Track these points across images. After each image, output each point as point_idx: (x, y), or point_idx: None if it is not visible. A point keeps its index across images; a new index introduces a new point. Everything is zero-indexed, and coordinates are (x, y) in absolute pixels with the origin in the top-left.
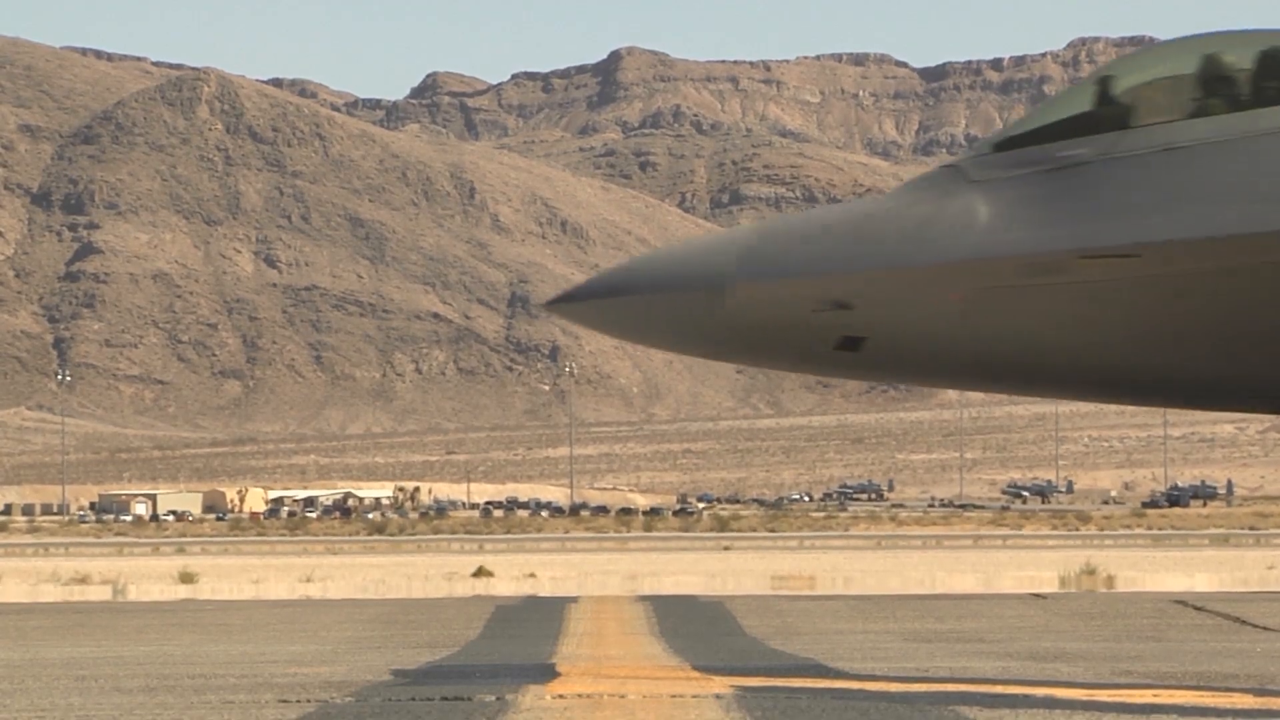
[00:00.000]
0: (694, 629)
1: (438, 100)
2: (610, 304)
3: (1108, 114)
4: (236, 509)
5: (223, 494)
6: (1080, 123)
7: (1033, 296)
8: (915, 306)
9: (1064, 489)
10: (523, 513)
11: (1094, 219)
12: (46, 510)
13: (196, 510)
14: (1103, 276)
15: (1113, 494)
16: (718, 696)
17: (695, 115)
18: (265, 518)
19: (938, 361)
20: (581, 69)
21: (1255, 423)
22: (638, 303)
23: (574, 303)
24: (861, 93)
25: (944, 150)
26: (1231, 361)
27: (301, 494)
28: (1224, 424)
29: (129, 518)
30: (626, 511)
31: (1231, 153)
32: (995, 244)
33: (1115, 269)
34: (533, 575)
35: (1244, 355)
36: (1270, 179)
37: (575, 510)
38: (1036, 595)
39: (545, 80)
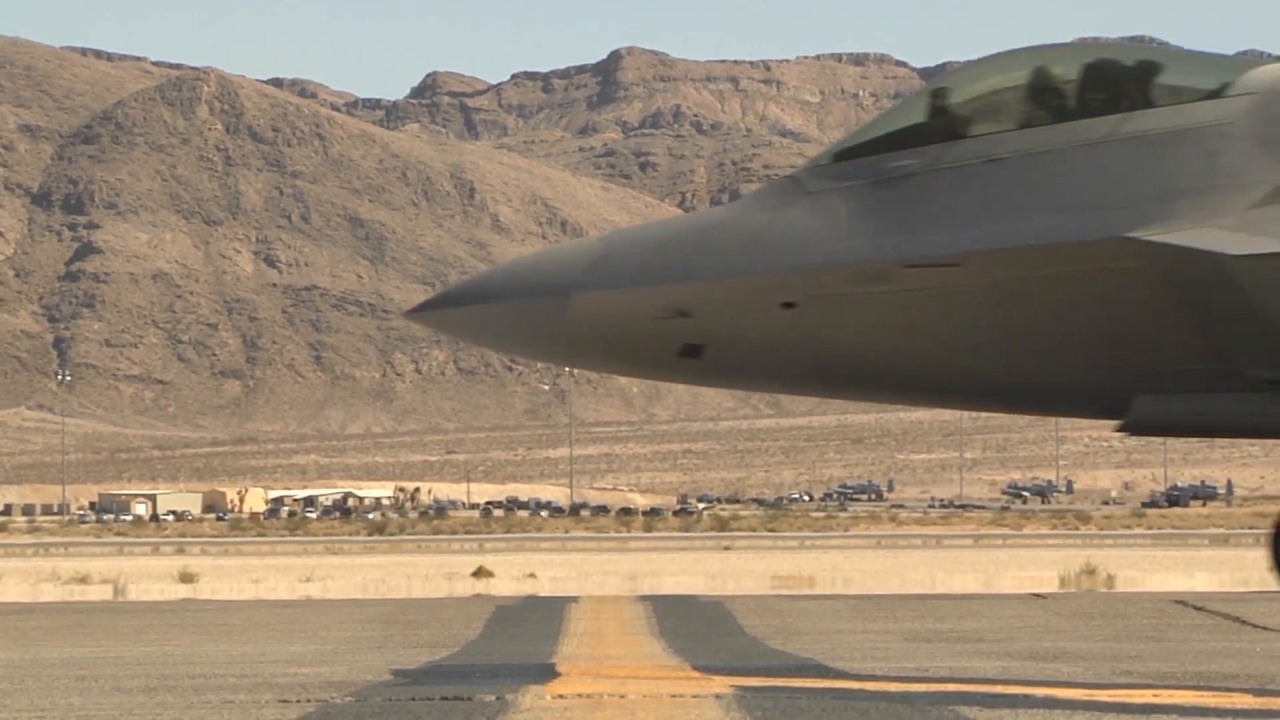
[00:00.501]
0: (694, 629)
1: (438, 100)
2: (467, 311)
3: (937, 126)
4: (236, 509)
5: (223, 494)
6: (912, 134)
7: (861, 304)
8: (750, 314)
9: (1064, 489)
10: (523, 513)
11: (918, 229)
12: (46, 510)
13: (196, 510)
14: (926, 284)
15: (1113, 494)
16: (718, 696)
17: (695, 115)
18: (265, 518)
19: (774, 368)
20: (581, 69)
21: None
22: (493, 310)
23: (433, 310)
24: (861, 92)
25: None
26: (1053, 366)
27: (301, 494)
28: None
29: (129, 518)
30: (626, 511)
31: (1050, 163)
32: (825, 253)
33: (938, 277)
34: (533, 575)
35: (1064, 360)
36: (1085, 189)
37: (575, 510)
38: (1036, 595)
39: (545, 80)
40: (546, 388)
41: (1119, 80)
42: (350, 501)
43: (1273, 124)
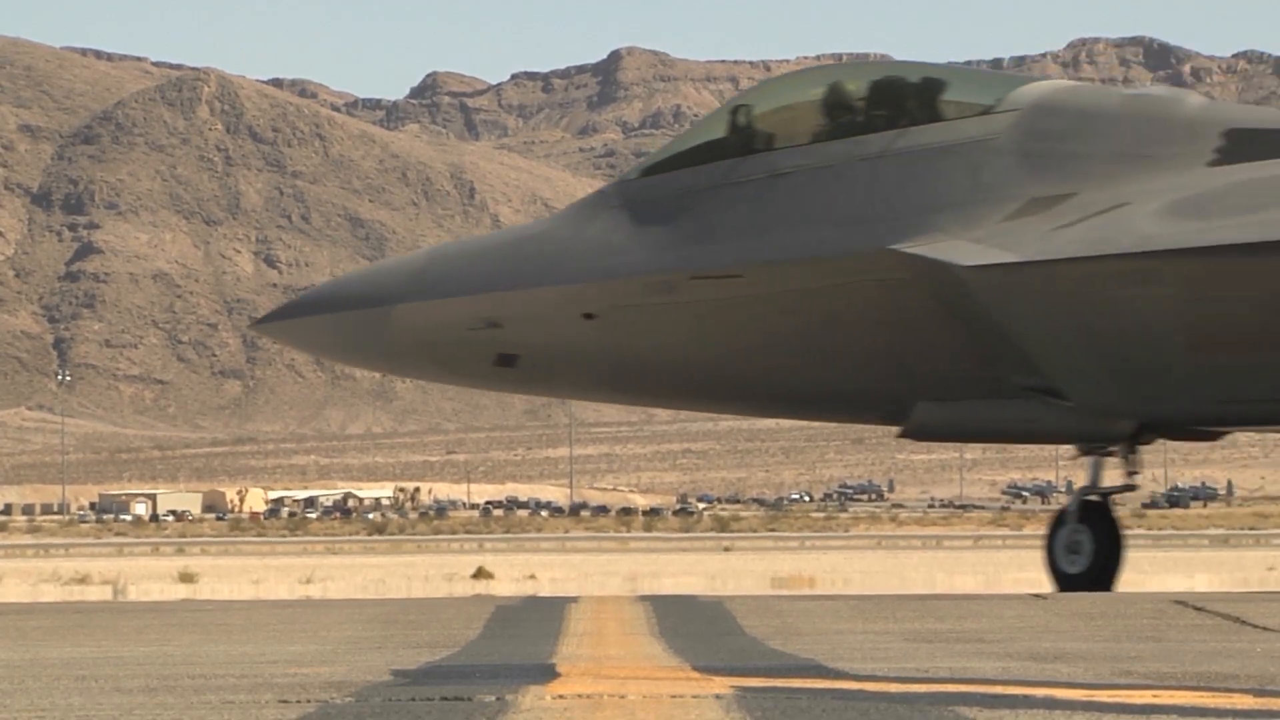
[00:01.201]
0: (694, 629)
1: (438, 100)
2: (301, 323)
3: (731, 142)
4: (236, 509)
5: (223, 494)
6: (708, 150)
7: (654, 315)
8: (555, 325)
9: (1064, 489)
10: (523, 513)
11: (705, 242)
12: (46, 510)
13: (196, 510)
14: (711, 296)
15: None
16: (718, 697)
17: (695, 115)
18: (265, 518)
19: (580, 377)
20: (581, 69)
21: None
22: (324, 321)
23: (273, 322)
24: None
25: None
26: (835, 374)
27: (301, 494)
28: None
29: (129, 518)
30: (627, 511)
31: (829, 178)
32: (622, 265)
33: (720, 289)
34: (533, 575)
35: (846, 368)
36: (859, 203)
37: (575, 510)
38: (1036, 595)
39: (545, 80)
40: None
41: (898, 98)
42: (350, 502)
43: (1033, 138)
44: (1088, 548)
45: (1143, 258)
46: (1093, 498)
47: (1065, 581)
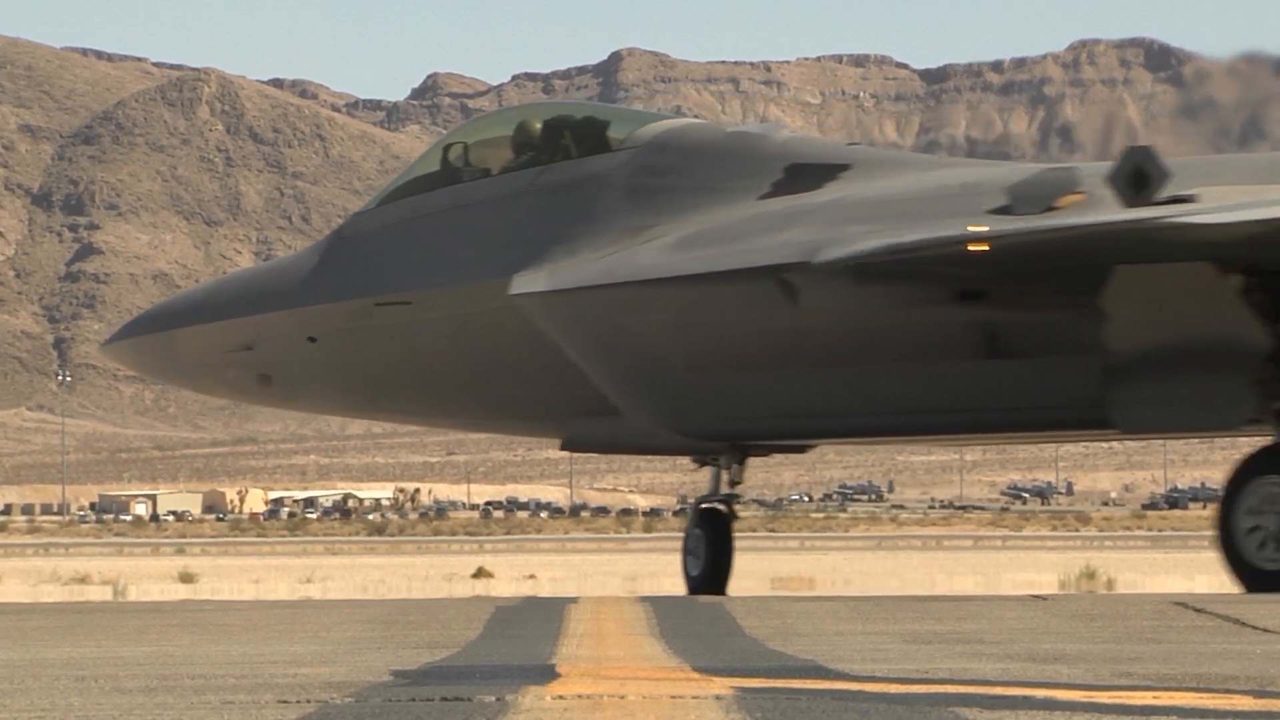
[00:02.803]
0: (694, 630)
1: (438, 101)
2: (120, 346)
3: (431, 178)
4: (236, 509)
5: (223, 494)
6: (416, 185)
7: (354, 337)
8: (289, 347)
9: (1064, 490)
10: (523, 513)
11: (391, 270)
12: (46, 510)
13: (196, 511)
14: (392, 320)
15: (1112, 496)
16: (718, 697)
17: (696, 116)
18: (265, 518)
19: (316, 394)
20: (582, 70)
21: None
22: (131, 344)
23: (108, 344)
24: (862, 94)
25: (944, 152)
26: (500, 391)
27: (301, 494)
28: None
29: (129, 518)
30: (627, 512)
31: (485, 212)
32: (335, 293)
33: (398, 314)
34: (533, 576)
35: (508, 386)
36: (504, 235)
37: (575, 511)
38: (1036, 597)
39: (546, 81)
40: None
41: (554, 138)
42: (350, 502)
43: (642, 174)
44: (703, 552)
45: (635, 286)
46: (713, 505)
47: (691, 584)
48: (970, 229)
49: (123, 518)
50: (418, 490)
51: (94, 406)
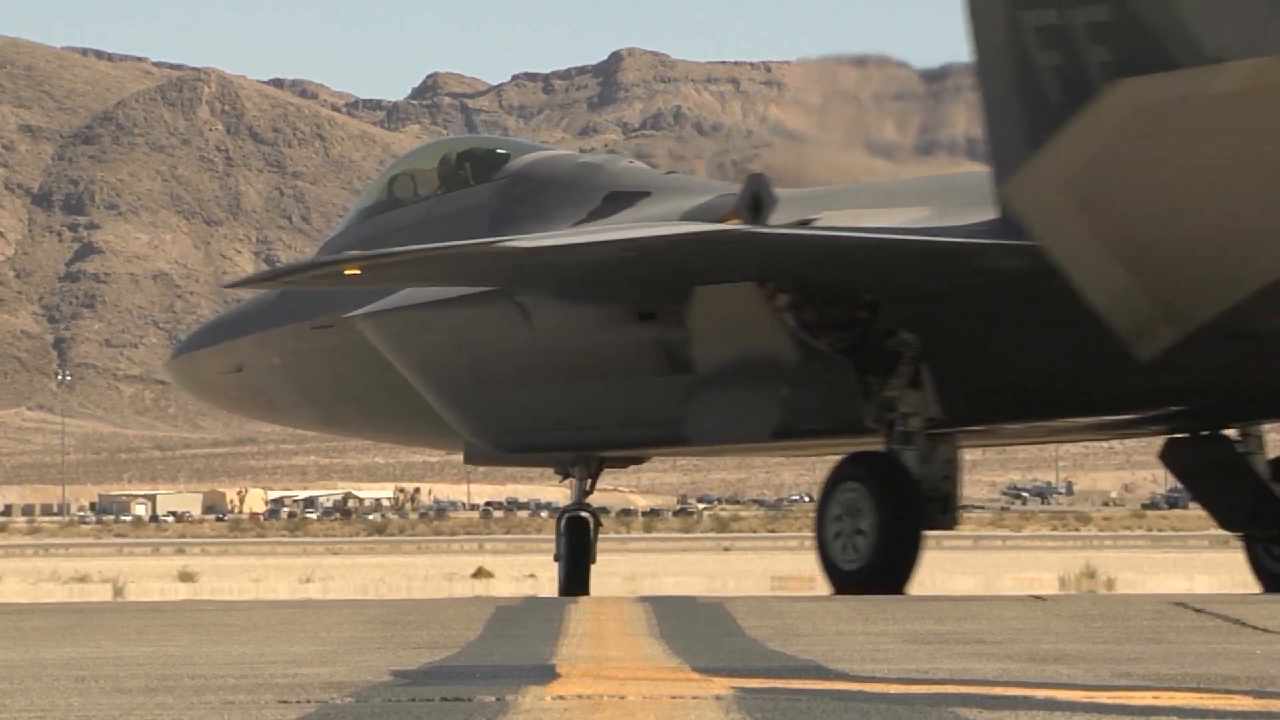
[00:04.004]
0: (694, 630)
1: (438, 101)
2: (168, 366)
3: (371, 206)
4: (236, 510)
5: (223, 494)
6: (360, 213)
7: (301, 356)
8: (262, 369)
9: (1064, 490)
10: (523, 514)
11: (323, 295)
12: (46, 511)
13: (196, 511)
14: (320, 343)
15: (1112, 496)
16: (718, 698)
17: (696, 117)
18: (265, 518)
19: (287, 408)
20: (582, 70)
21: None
22: (172, 366)
23: (166, 366)
24: (862, 94)
25: (944, 152)
26: (412, 407)
27: (302, 494)
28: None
29: (129, 518)
30: (627, 512)
31: (396, 239)
32: (289, 315)
33: (323, 337)
34: (533, 575)
35: (417, 403)
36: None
37: None
38: (1036, 597)
39: (546, 81)
40: None
41: (456, 169)
42: (350, 502)
43: (504, 203)
44: (565, 558)
45: (421, 309)
46: (576, 514)
47: (561, 587)
48: (349, 253)
49: (123, 518)
50: (418, 490)
51: (94, 406)
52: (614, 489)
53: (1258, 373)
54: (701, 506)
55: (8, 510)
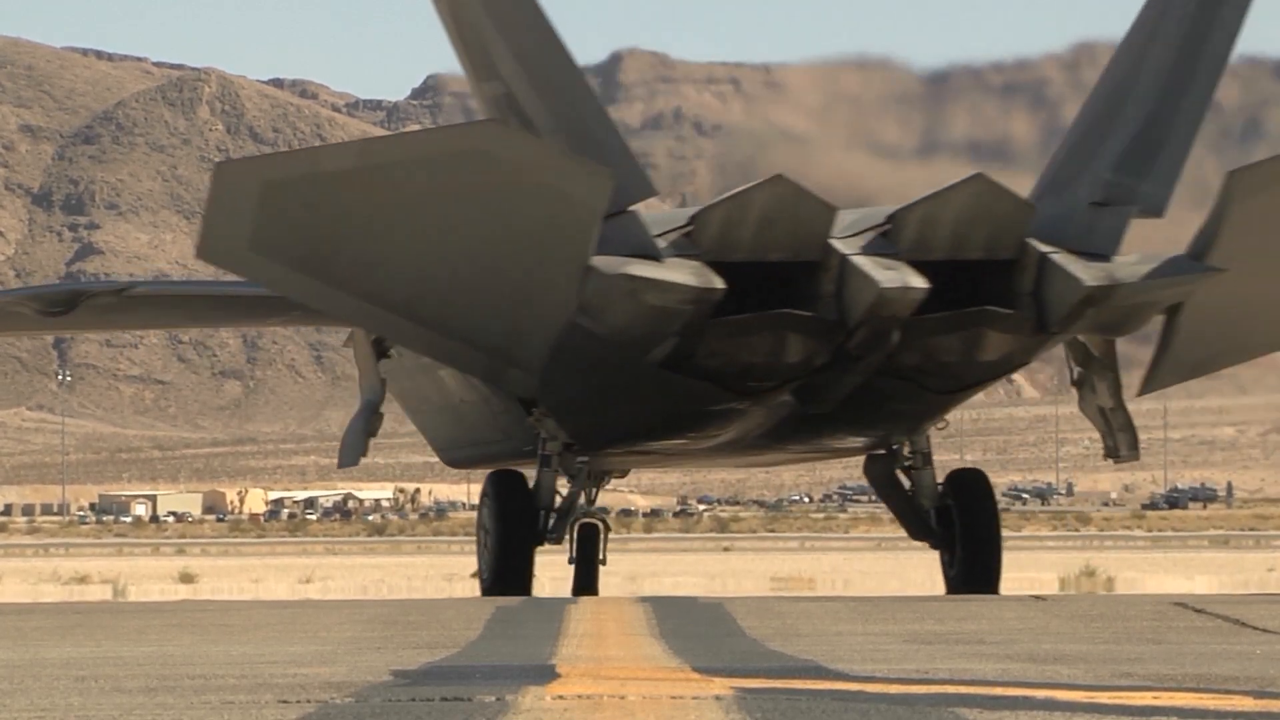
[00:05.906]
0: (694, 630)
1: (439, 101)
2: None
3: None
4: (236, 510)
5: (223, 495)
6: None
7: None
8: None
9: (1064, 491)
10: None
11: None
12: (46, 510)
13: (196, 511)
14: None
15: (1112, 496)
16: (718, 698)
17: (696, 117)
18: (265, 519)
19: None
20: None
21: (1255, 425)
22: None
23: None
24: (862, 95)
25: (945, 152)
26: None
27: (302, 495)
28: (1224, 427)
29: (129, 519)
30: (627, 513)
31: None
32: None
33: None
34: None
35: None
36: None
37: None
38: (1036, 597)
39: None
40: None
41: None
42: (350, 503)
43: None
44: (576, 561)
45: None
46: (588, 520)
47: (574, 588)
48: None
49: (123, 518)
50: (418, 491)
51: (94, 406)
52: (614, 489)
53: None
54: (701, 507)
55: (8, 510)
